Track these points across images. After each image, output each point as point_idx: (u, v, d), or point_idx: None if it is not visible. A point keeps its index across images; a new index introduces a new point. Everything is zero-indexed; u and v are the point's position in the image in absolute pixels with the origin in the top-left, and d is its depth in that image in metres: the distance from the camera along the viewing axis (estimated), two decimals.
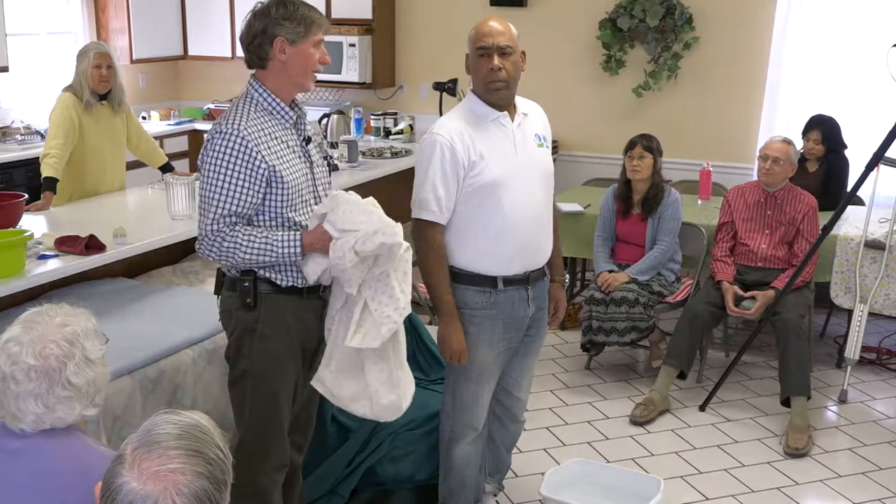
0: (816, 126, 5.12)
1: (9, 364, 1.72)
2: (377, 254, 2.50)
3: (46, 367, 1.72)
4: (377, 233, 2.48)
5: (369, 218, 2.51)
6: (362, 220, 2.50)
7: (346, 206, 2.51)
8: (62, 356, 1.73)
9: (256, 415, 2.65)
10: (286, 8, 2.53)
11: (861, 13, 5.55)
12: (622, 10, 6.04)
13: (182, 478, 1.35)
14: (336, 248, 2.48)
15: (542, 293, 3.05)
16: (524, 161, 2.86)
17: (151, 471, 1.35)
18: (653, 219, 4.57)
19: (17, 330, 1.75)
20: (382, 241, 2.48)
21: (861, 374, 4.73)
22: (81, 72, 4.52)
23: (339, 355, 2.61)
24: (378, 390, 2.60)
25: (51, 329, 1.75)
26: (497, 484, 3.41)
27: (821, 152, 5.10)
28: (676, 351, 4.33)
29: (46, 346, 1.73)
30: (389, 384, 2.61)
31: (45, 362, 1.72)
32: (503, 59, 2.78)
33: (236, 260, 2.52)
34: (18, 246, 3.18)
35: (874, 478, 3.76)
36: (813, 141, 5.10)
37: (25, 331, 1.75)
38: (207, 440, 1.41)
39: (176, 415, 1.43)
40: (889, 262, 4.54)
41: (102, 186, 4.67)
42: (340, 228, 2.49)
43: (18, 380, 1.71)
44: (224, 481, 1.40)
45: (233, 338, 2.65)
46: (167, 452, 1.36)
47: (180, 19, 7.17)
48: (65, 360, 1.73)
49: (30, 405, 1.72)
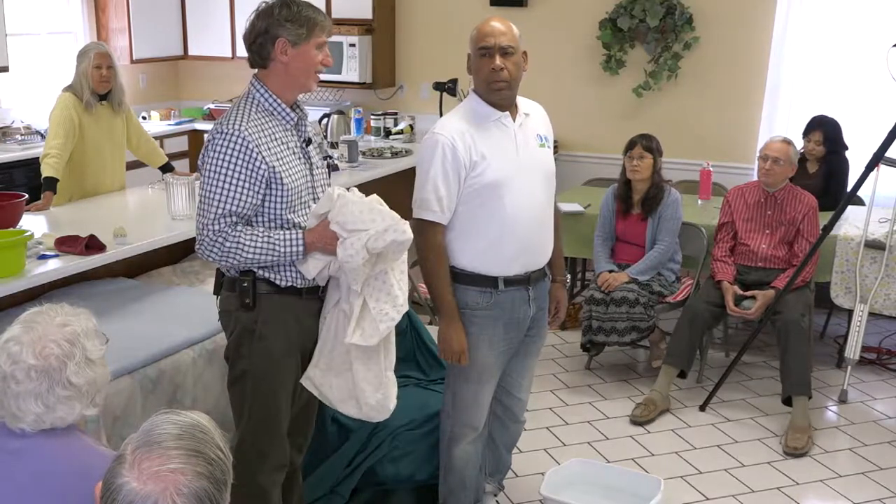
0: (818, 127, 5.12)
1: (9, 364, 1.72)
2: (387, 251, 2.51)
3: (47, 366, 1.72)
4: (388, 230, 2.49)
5: (378, 216, 2.51)
6: (371, 218, 2.50)
7: (352, 206, 2.51)
8: (62, 356, 1.73)
9: (256, 415, 2.65)
10: (289, 9, 2.53)
11: (861, 13, 5.55)
12: (622, 10, 6.04)
13: (182, 478, 1.35)
14: (347, 246, 2.48)
15: (543, 293, 3.05)
16: (526, 161, 2.86)
17: (152, 471, 1.35)
18: (653, 219, 4.57)
19: (18, 330, 1.76)
20: (394, 238, 2.49)
21: (861, 374, 4.73)
22: (82, 72, 4.52)
23: (328, 354, 2.63)
24: (365, 390, 2.62)
25: (51, 329, 1.75)
26: (497, 484, 3.41)
27: (821, 153, 5.10)
28: (676, 350, 4.33)
29: (47, 346, 1.73)
30: (377, 384, 2.63)
31: (46, 362, 1.72)
32: (505, 59, 2.77)
33: (238, 260, 2.52)
34: (18, 246, 3.18)
35: (874, 478, 3.76)
36: (814, 142, 5.10)
37: (26, 330, 1.75)
38: (208, 440, 1.41)
39: (176, 415, 1.43)
40: (889, 262, 4.54)
41: (102, 186, 4.67)
42: (350, 229, 2.49)
43: (19, 379, 1.71)
44: (224, 481, 1.40)
45: (232, 338, 2.65)
46: (167, 452, 1.36)
47: (180, 19, 7.17)
48: (65, 359, 1.73)
49: (30, 405, 1.72)
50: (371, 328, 2.55)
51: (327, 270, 2.57)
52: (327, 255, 2.55)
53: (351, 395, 2.64)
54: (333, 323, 2.62)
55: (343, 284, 2.59)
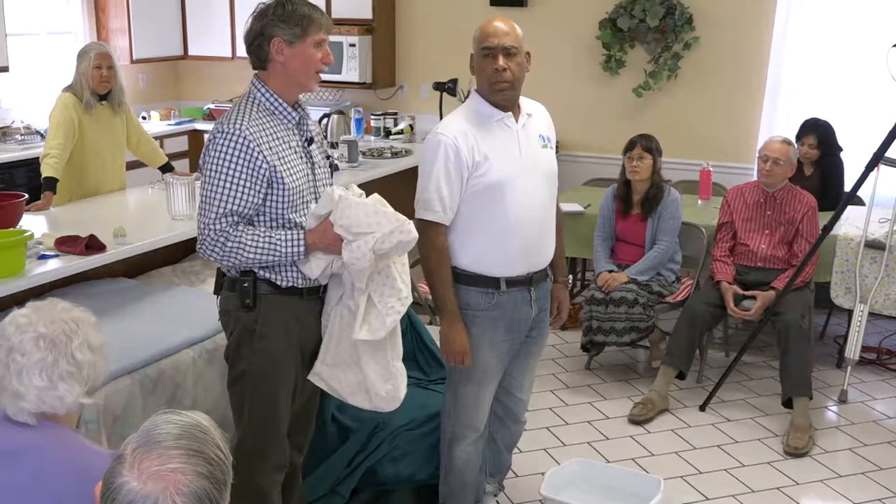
0: (812, 130, 5.11)
1: (18, 334, 1.78)
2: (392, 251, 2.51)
3: (55, 337, 1.79)
4: (394, 232, 2.48)
5: (383, 219, 2.50)
6: (377, 221, 2.49)
7: (356, 209, 2.49)
8: (69, 331, 1.81)
9: (255, 415, 2.65)
10: (283, 8, 2.51)
11: (861, 13, 5.55)
12: (622, 10, 6.04)
13: (182, 477, 1.35)
14: (353, 249, 2.47)
15: (545, 294, 3.04)
16: (528, 162, 2.86)
17: (152, 470, 1.35)
18: (652, 219, 4.57)
19: (25, 309, 1.84)
20: (400, 239, 2.49)
21: (861, 374, 4.73)
22: (82, 72, 4.52)
23: (334, 349, 2.63)
24: (375, 382, 2.62)
25: (56, 310, 1.84)
26: (497, 484, 3.41)
27: (815, 156, 5.10)
28: (675, 351, 4.33)
29: (55, 321, 1.81)
30: (386, 375, 2.63)
31: (55, 332, 1.79)
32: (508, 59, 2.77)
33: (239, 260, 2.51)
34: (18, 246, 3.18)
35: (874, 478, 3.76)
36: (808, 146, 5.09)
37: (33, 310, 1.83)
38: (208, 440, 1.41)
39: (176, 415, 1.44)
40: (889, 262, 4.54)
41: (102, 186, 4.67)
42: (355, 232, 2.48)
43: (26, 350, 1.77)
44: (224, 481, 1.40)
45: (232, 338, 2.65)
46: (167, 452, 1.36)
47: (180, 19, 7.16)
48: (71, 335, 1.81)
49: (34, 378, 1.76)
50: (378, 322, 2.55)
51: (330, 269, 2.57)
52: (330, 254, 2.55)
53: (361, 387, 2.64)
54: (338, 319, 2.61)
55: (346, 281, 2.58)
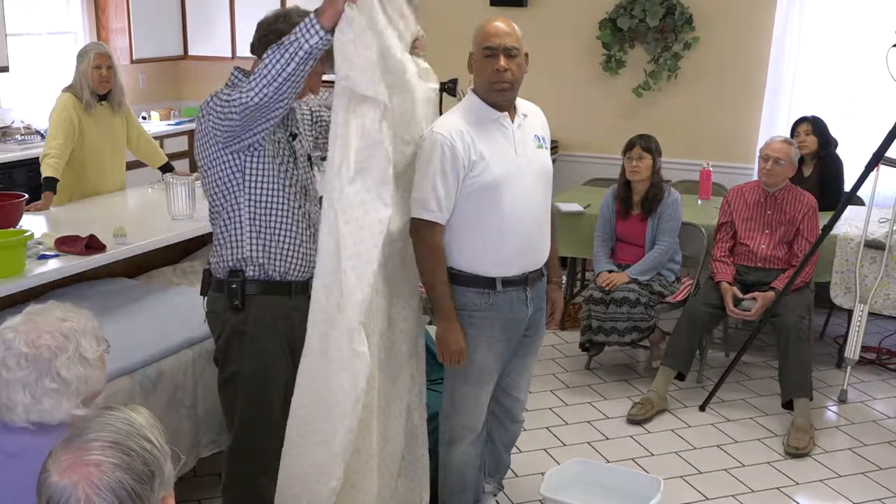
0: (803, 120, 5.15)
1: (3, 349, 1.76)
2: None
3: (37, 356, 1.75)
4: None
5: None
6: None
7: None
8: (55, 347, 1.76)
9: (247, 417, 2.65)
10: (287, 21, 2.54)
11: (861, 13, 5.55)
12: (622, 10, 6.04)
13: (96, 470, 1.32)
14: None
15: (541, 294, 3.04)
16: (524, 162, 2.86)
17: (68, 463, 1.33)
18: (652, 219, 4.57)
19: (18, 319, 1.81)
20: None
21: (861, 374, 4.73)
22: (81, 72, 4.52)
23: None
24: None
25: (50, 320, 1.79)
26: (497, 484, 3.41)
27: (814, 145, 5.08)
28: (675, 352, 4.33)
29: (41, 336, 1.76)
30: None
31: (37, 351, 1.75)
32: (509, 60, 2.77)
33: (278, 80, 2.37)
34: (18, 246, 3.18)
35: (874, 478, 3.76)
36: (804, 133, 5.08)
37: (25, 321, 1.80)
38: (132, 432, 1.39)
39: (109, 409, 1.42)
40: (889, 262, 4.53)
41: (102, 186, 4.67)
42: None
43: (9, 367, 1.75)
44: (149, 474, 1.37)
45: (221, 340, 2.65)
46: (86, 445, 1.35)
47: (180, 19, 7.16)
48: (57, 351, 1.76)
49: (18, 394, 1.74)
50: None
51: None
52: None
53: None
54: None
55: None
